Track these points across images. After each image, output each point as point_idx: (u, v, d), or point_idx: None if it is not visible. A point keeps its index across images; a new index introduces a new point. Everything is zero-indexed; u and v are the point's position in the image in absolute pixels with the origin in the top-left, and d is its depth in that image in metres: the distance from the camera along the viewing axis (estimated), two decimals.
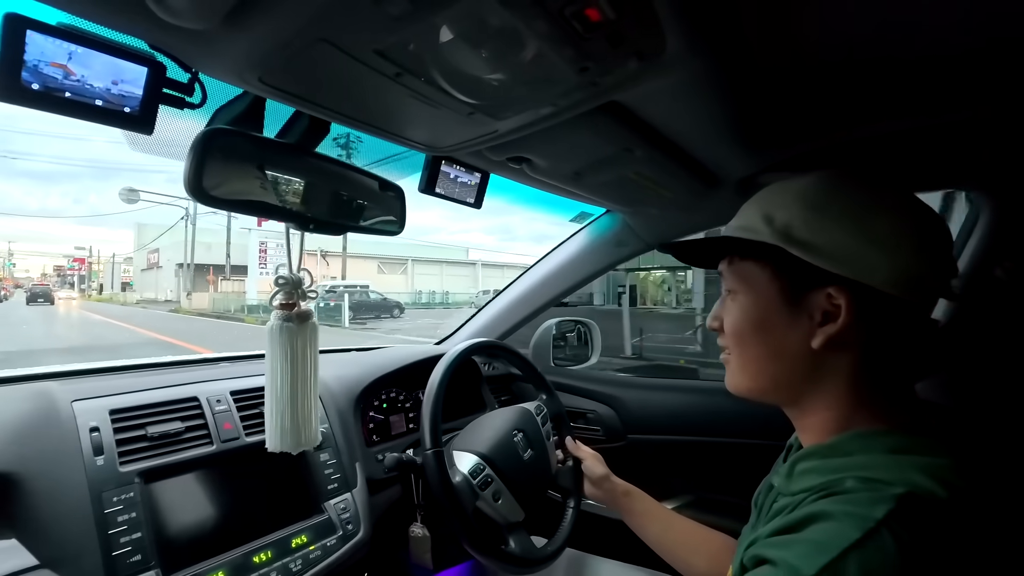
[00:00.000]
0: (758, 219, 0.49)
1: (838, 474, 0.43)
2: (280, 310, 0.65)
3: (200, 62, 0.49)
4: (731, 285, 0.54)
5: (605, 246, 1.30)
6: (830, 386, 0.48)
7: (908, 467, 0.41)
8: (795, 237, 0.46)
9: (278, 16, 0.39)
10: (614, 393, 1.40)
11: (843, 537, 0.37)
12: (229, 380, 0.92)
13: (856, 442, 0.45)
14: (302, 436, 0.69)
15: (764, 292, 0.50)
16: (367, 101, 0.55)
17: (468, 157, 0.79)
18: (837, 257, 0.44)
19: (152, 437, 0.76)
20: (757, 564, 0.42)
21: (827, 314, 0.46)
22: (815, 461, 0.47)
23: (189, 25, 0.42)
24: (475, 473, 0.91)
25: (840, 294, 0.45)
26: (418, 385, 1.11)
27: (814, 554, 0.37)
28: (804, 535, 0.39)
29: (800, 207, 0.47)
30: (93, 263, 50.25)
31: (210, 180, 0.52)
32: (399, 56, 0.45)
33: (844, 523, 0.38)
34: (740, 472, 1.22)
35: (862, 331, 0.45)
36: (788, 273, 0.48)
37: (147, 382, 0.85)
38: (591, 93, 0.56)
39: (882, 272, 0.43)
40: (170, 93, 0.53)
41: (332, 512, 0.87)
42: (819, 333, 0.46)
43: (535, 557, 0.91)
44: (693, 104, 0.70)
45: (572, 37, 0.44)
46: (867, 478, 0.41)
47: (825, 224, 0.45)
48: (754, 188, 1.01)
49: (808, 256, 0.45)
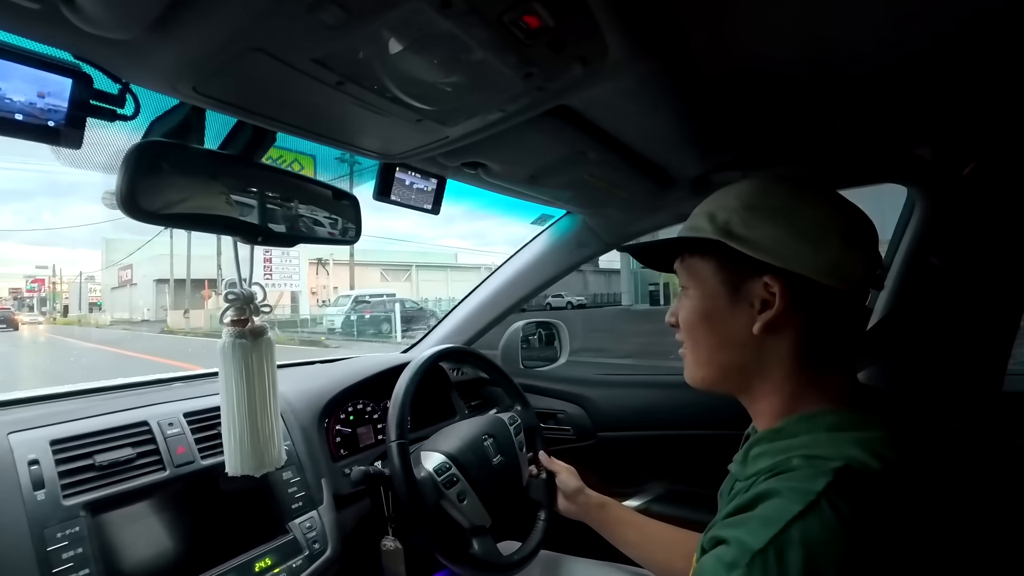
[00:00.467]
0: (703, 219, 0.54)
1: (785, 454, 0.46)
2: (232, 327, 0.62)
3: (128, 72, 0.47)
4: (684, 282, 0.58)
5: (567, 247, 1.32)
6: (774, 370, 0.51)
7: (845, 442, 0.44)
8: (734, 232, 0.50)
9: (206, 26, 0.38)
10: (583, 392, 1.41)
11: (787, 511, 0.40)
12: (182, 401, 0.89)
13: (801, 424, 0.49)
14: (265, 457, 0.67)
15: (710, 284, 0.54)
16: (310, 110, 0.54)
17: (422, 163, 0.78)
18: (769, 249, 0.48)
19: (99, 467, 0.72)
20: (712, 545, 0.44)
21: (765, 302, 0.50)
22: (765, 445, 0.50)
23: (111, 35, 0.40)
24: (440, 471, 0.90)
25: (774, 282, 0.49)
26: (386, 395, 1.10)
27: (761, 529, 0.40)
28: (754, 513, 0.42)
29: (737, 205, 0.51)
30: (56, 283, 46.83)
31: (145, 195, 0.49)
32: (339, 65, 0.44)
33: (788, 498, 0.41)
34: (707, 463, 1.25)
35: (798, 317, 0.49)
36: (729, 265, 0.52)
37: (92, 408, 0.81)
38: (538, 98, 0.57)
39: (810, 261, 0.47)
40: (99, 105, 0.51)
41: (297, 532, 0.85)
42: (759, 319, 0.50)
43: (500, 563, 0.90)
44: (641, 107, 0.71)
45: (514, 44, 0.45)
46: (810, 455, 0.44)
47: (759, 220, 0.50)
48: (707, 186, 1.05)
49: (745, 248, 0.49)
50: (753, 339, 0.51)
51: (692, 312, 0.56)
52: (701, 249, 0.55)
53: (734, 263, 0.51)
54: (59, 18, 0.37)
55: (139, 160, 0.50)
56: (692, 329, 0.56)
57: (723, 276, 0.53)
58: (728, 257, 0.51)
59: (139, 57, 0.43)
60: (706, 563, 0.43)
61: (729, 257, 0.51)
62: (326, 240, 0.74)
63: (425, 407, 1.22)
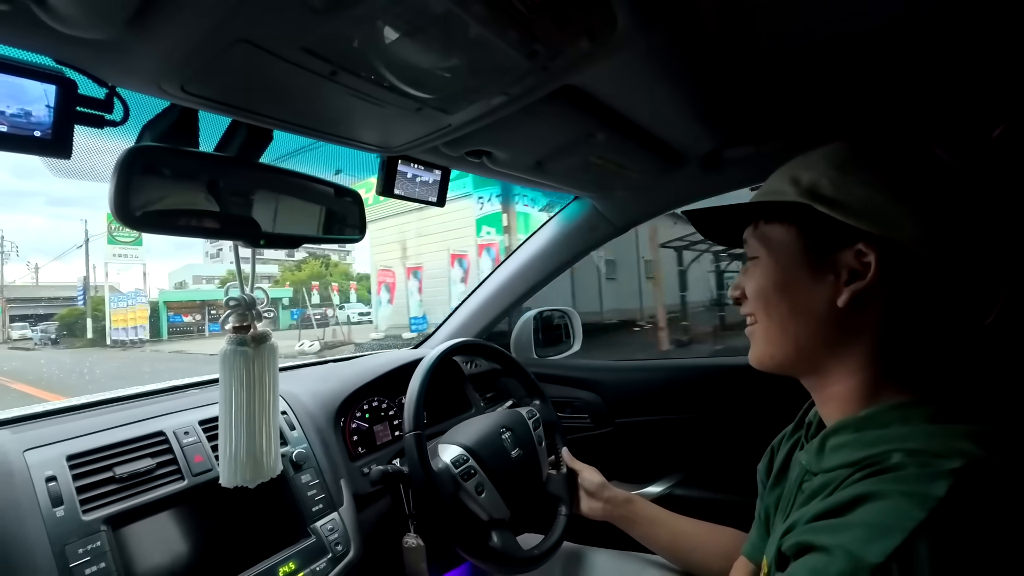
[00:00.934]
0: (784, 182, 0.49)
1: (878, 447, 0.41)
2: (234, 333, 0.61)
3: (112, 75, 0.45)
4: (754, 251, 0.53)
5: (577, 233, 1.29)
6: (857, 349, 0.47)
7: (953, 436, 0.39)
8: (822, 195, 0.45)
9: (185, 17, 0.35)
10: (598, 379, 1.39)
11: (907, 518, 0.34)
12: (197, 409, 0.88)
13: (891, 413, 0.44)
14: (262, 467, 0.65)
15: (788, 252, 0.49)
16: (304, 104, 0.51)
17: (424, 154, 0.75)
18: (864, 213, 0.43)
19: (117, 479, 0.71)
20: (800, 551, 0.39)
21: (854, 272, 0.45)
22: (848, 435, 0.45)
23: (89, 35, 0.38)
24: (458, 463, 0.89)
25: (869, 250, 0.44)
26: (400, 392, 1.08)
27: (876, 539, 0.35)
28: (856, 518, 0.37)
29: (826, 166, 0.46)
30: None
31: (139, 202, 0.47)
32: (331, 53, 0.41)
33: (903, 502, 0.35)
34: (725, 443, 1.24)
35: (886, 290, 0.44)
36: (814, 231, 0.47)
37: (107, 421, 0.80)
38: (544, 78, 0.54)
39: (908, 228, 0.43)
40: (86, 111, 0.49)
41: (319, 534, 0.84)
42: (845, 291, 0.45)
43: (519, 557, 0.89)
44: (650, 82, 0.68)
45: (515, 18, 0.42)
46: (914, 450, 0.39)
47: (851, 181, 0.45)
48: (719, 163, 1.01)
49: (835, 212, 0.44)
50: (835, 313, 0.46)
51: (765, 280, 0.50)
52: (781, 215, 0.49)
53: (820, 229, 0.46)
54: (32, 19, 0.35)
55: (130, 166, 0.48)
56: (765, 299, 0.51)
57: (805, 243, 0.48)
58: (813, 222, 0.46)
59: (120, 58, 0.41)
60: (800, 574, 0.38)
61: (814, 222, 0.46)
62: (330, 239, 0.72)
63: (440, 402, 1.21)
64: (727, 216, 0.55)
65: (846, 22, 0.66)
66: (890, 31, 0.69)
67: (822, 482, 0.44)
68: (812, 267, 0.48)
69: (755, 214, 0.53)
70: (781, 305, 0.50)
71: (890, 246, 0.43)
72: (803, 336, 0.49)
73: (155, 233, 0.50)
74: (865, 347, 0.46)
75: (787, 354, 0.51)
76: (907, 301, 0.45)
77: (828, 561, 0.36)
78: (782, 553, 0.42)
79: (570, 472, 1.04)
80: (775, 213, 0.50)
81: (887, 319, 0.45)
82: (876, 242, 0.44)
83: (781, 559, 0.42)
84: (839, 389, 0.48)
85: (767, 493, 0.62)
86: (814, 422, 0.56)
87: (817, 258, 0.47)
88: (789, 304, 0.49)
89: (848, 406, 0.47)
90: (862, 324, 0.46)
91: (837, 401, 0.48)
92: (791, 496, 0.52)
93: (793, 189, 0.47)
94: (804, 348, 0.49)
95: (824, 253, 0.47)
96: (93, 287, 24.09)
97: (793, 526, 0.42)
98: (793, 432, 0.62)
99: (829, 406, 0.50)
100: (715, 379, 1.26)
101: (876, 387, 0.46)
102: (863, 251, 0.44)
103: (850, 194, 0.44)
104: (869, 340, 0.46)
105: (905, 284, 0.44)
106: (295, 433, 0.92)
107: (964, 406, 0.43)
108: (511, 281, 1.38)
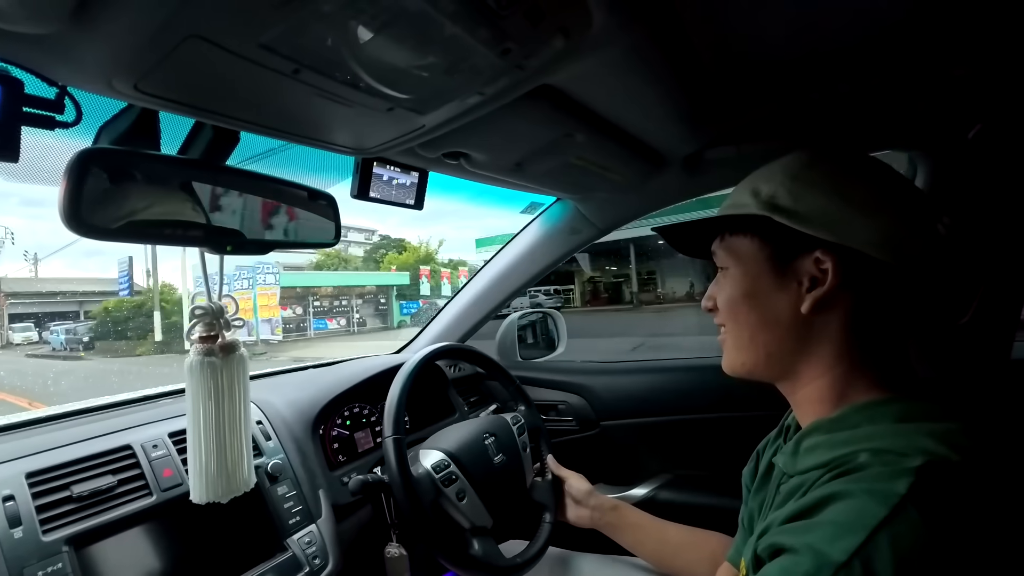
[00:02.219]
0: (746, 195, 0.50)
1: (847, 448, 0.42)
2: (200, 343, 0.58)
3: (59, 73, 0.42)
4: (723, 262, 0.55)
5: (559, 235, 1.28)
6: (822, 353, 0.48)
7: (917, 434, 0.40)
8: (780, 206, 0.47)
9: (130, 11, 0.33)
10: (583, 382, 1.39)
11: (870, 516, 0.35)
12: (168, 421, 0.85)
13: (861, 413, 0.45)
14: (235, 481, 0.63)
15: (753, 262, 0.51)
16: (268, 104, 0.49)
17: (400, 156, 0.74)
18: (820, 222, 0.45)
19: (79, 498, 0.68)
20: (773, 553, 0.40)
21: (814, 279, 0.47)
22: (820, 436, 0.46)
23: (31, 30, 0.35)
24: (438, 469, 0.87)
25: (826, 257, 0.45)
26: (382, 397, 1.06)
27: (840, 537, 0.36)
28: (824, 517, 0.38)
29: (783, 177, 0.48)
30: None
31: (92, 209, 0.45)
32: (292, 50, 0.39)
33: (867, 501, 0.37)
34: (711, 446, 1.24)
35: (849, 295, 0.46)
36: (775, 241, 0.49)
37: (71, 435, 0.77)
38: (519, 78, 0.52)
39: (863, 234, 0.44)
40: (34, 112, 0.46)
41: (296, 548, 0.81)
42: (807, 297, 0.47)
43: (501, 565, 0.87)
44: (629, 82, 0.67)
45: (485, 15, 0.40)
46: (879, 450, 0.40)
47: (807, 191, 0.46)
48: (700, 164, 1.01)
49: (792, 222, 0.46)
50: (800, 319, 0.48)
51: (734, 291, 0.52)
52: (744, 227, 0.51)
53: (781, 238, 0.48)
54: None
55: (82, 170, 0.45)
56: (734, 309, 0.53)
57: (768, 252, 0.50)
58: (774, 233, 0.48)
59: (66, 54, 0.38)
60: (771, 575, 0.39)
61: (775, 233, 0.48)
62: (303, 244, 0.70)
63: (423, 407, 1.19)
64: (696, 230, 0.57)
65: (825, 37, 0.67)
66: (865, 47, 0.70)
67: (796, 483, 0.45)
68: (776, 276, 0.49)
69: (721, 227, 0.54)
70: (750, 314, 0.52)
71: (848, 252, 0.45)
72: (771, 343, 0.51)
73: (109, 240, 0.47)
74: (832, 350, 0.48)
75: (756, 361, 0.52)
76: (870, 304, 0.47)
77: (796, 561, 0.37)
78: (758, 556, 0.43)
79: (555, 479, 1.03)
80: (739, 225, 0.52)
81: (852, 322, 0.47)
82: (833, 249, 0.45)
83: (757, 561, 0.43)
84: (810, 391, 0.50)
85: (751, 498, 0.62)
86: (792, 425, 0.58)
87: (780, 267, 0.49)
88: (758, 313, 0.51)
89: (820, 407, 0.49)
90: (827, 328, 0.48)
91: (809, 403, 0.50)
92: (771, 499, 0.53)
93: (754, 201, 0.49)
94: (773, 354, 0.51)
95: (786, 261, 0.49)
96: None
97: (768, 528, 0.43)
98: (776, 438, 0.62)
99: (803, 408, 0.52)
100: (702, 377, 1.25)
101: (846, 387, 0.48)
102: (820, 258, 0.46)
103: (805, 203, 0.46)
104: (835, 343, 0.48)
105: (866, 288, 0.46)
106: (270, 443, 0.89)
107: (932, 405, 0.45)
108: (494, 284, 1.36)
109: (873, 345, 0.47)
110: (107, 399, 1.02)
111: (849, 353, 0.47)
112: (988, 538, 0.37)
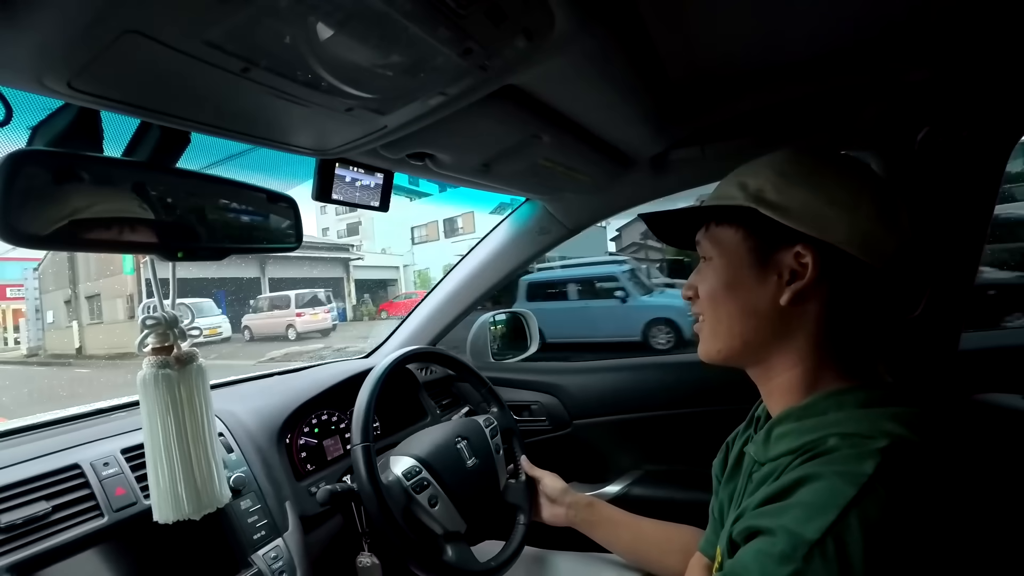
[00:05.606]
0: (733, 187, 0.52)
1: (816, 433, 0.44)
2: (153, 356, 0.55)
3: None
4: (706, 252, 0.56)
5: (528, 235, 1.27)
6: (797, 343, 0.50)
7: (880, 418, 0.43)
8: (766, 199, 0.49)
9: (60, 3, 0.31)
10: (555, 381, 1.39)
11: (840, 496, 0.37)
12: (121, 436, 0.80)
13: (828, 400, 0.48)
14: (206, 497, 0.60)
15: (736, 253, 0.52)
16: (218, 104, 0.46)
17: (363, 157, 0.71)
18: (802, 216, 0.47)
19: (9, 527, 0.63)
20: (748, 536, 0.42)
21: (794, 272, 0.49)
22: (790, 424, 0.48)
23: None
24: (409, 475, 0.86)
25: (807, 251, 0.47)
26: (351, 403, 1.04)
27: (813, 517, 0.37)
28: (796, 499, 0.40)
29: (770, 173, 0.50)
30: None
31: (23, 216, 0.42)
32: (239, 48, 0.37)
33: (837, 481, 0.38)
34: (681, 441, 1.26)
35: (824, 290, 0.48)
36: (759, 233, 0.51)
37: (13, 455, 0.71)
38: (482, 78, 0.51)
39: (842, 231, 0.46)
40: None
41: (261, 564, 0.78)
42: (787, 290, 0.49)
43: (475, 570, 0.86)
44: (594, 83, 0.67)
45: (445, 14, 0.39)
46: (846, 433, 0.42)
47: (792, 187, 0.48)
48: (666, 165, 1.02)
49: (777, 216, 0.48)
50: (778, 310, 0.49)
51: (715, 280, 0.54)
52: (730, 218, 0.53)
53: (764, 231, 0.50)
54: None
55: (11, 174, 0.42)
56: (714, 299, 0.54)
57: (751, 244, 0.51)
58: (758, 225, 0.50)
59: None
60: (747, 557, 0.40)
61: (759, 225, 0.49)
62: (262, 249, 0.67)
63: (394, 411, 1.17)
64: (681, 219, 0.58)
65: (782, 48, 0.69)
66: (823, 57, 0.72)
67: (768, 470, 0.47)
68: (758, 267, 0.51)
69: (707, 217, 0.56)
70: (730, 304, 0.53)
71: (827, 248, 0.47)
72: (748, 332, 0.52)
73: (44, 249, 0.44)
74: (806, 341, 0.50)
75: (732, 348, 0.54)
76: (843, 298, 0.49)
77: (772, 542, 0.39)
78: (733, 540, 0.44)
79: (529, 480, 1.03)
80: (725, 216, 0.53)
81: (826, 315, 0.49)
82: (814, 244, 0.47)
83: (732, 546, 0.44)
84: (782, 380, 0.52)
85: (721, 488, 0.64)
86: (762, 416, 0.60)
87: (762, 259, 0.51)
88: (738, 303, 0.53)
89: (791, 396, 0.51)
90: (803, 320, 0.50)
91: (781, 392, 0.52)
92: (743, 488, 0.55)
93: (741, 194, 0.51)
94: (750, 343, 0.53)
95: (768, 254, 0.50)
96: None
97: (742, 514, 0.45)
98: (746, 429, 0.64)
99: (774, 397, 0.54)
100: (673, 374, 1.27)
101: (816, 377, 0.50)
102: (801, 252, 0.48)
103: (791, 199, 0.48)
104: (810, 334, 0.50)
105: (841, 282, 0.48)
106: (233, 456, 0.85)
107: (893, 391, 0.47)
108: (464, 286, 1.35)
109: (842, 337, 0.49)
110: (55, 414, 0.96)
111: (823, 345, 0.49)
112: (947, 511, 0.39)
